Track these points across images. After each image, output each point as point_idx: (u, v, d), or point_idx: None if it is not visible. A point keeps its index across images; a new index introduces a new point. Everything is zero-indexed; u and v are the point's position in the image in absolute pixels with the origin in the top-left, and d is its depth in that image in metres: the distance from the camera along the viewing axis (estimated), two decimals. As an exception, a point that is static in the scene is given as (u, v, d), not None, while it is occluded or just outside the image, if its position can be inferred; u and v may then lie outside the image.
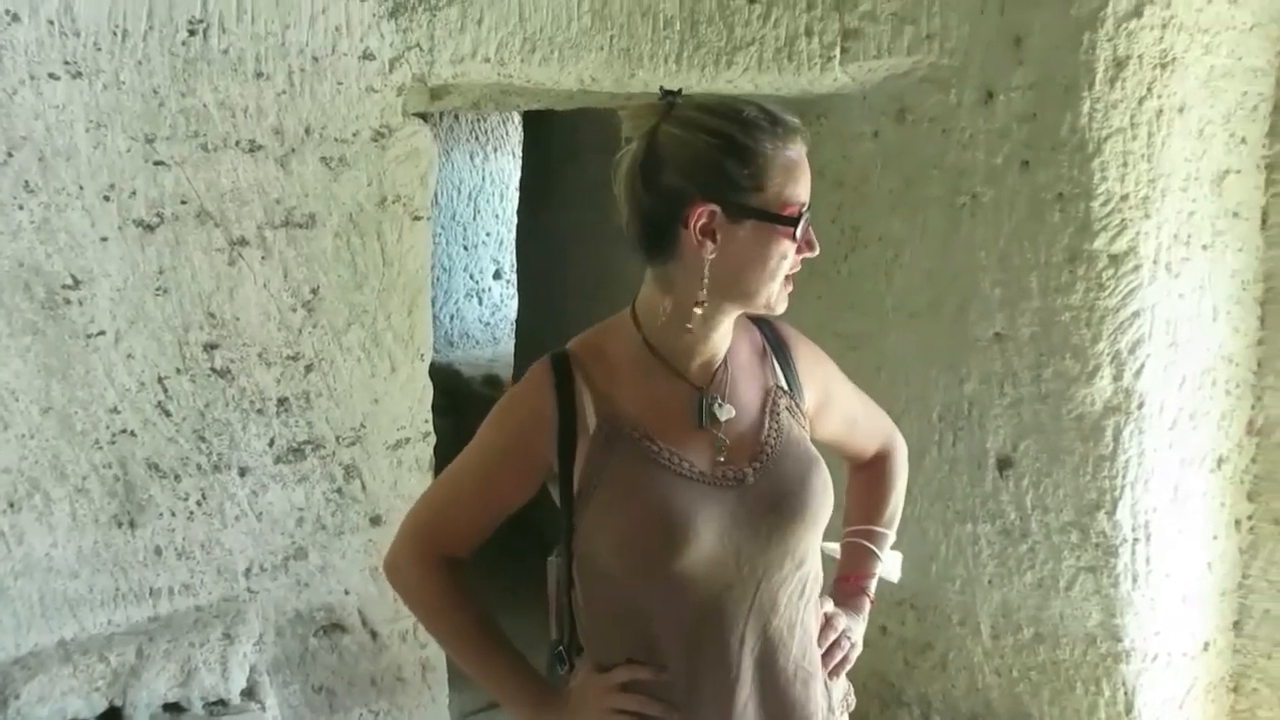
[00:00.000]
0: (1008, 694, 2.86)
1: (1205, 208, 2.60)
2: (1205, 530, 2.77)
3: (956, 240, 2.79)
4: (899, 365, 2.96)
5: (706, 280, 1.35)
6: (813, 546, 1.47)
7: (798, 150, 1.35)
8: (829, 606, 1.58)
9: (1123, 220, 2.51)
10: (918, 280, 2.89)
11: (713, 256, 1.34)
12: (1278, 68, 2.68)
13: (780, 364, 1.55)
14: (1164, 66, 2.47)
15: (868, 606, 1.68)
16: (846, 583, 1.67)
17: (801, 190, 1.36)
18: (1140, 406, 2.56)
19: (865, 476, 1.74)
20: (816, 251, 1.39)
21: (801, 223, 1.35)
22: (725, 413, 1.44)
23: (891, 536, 1.74)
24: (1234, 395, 2.77)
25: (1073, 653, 2.72)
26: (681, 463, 1.40)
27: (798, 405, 1.52)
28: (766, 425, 1.47)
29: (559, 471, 1.43)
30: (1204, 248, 2.61)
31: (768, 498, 1.41)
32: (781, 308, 1.42)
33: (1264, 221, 2.75)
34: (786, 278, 1.39)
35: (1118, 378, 2.56)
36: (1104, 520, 2.61)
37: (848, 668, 1.58)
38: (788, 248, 1.36)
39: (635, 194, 1.37)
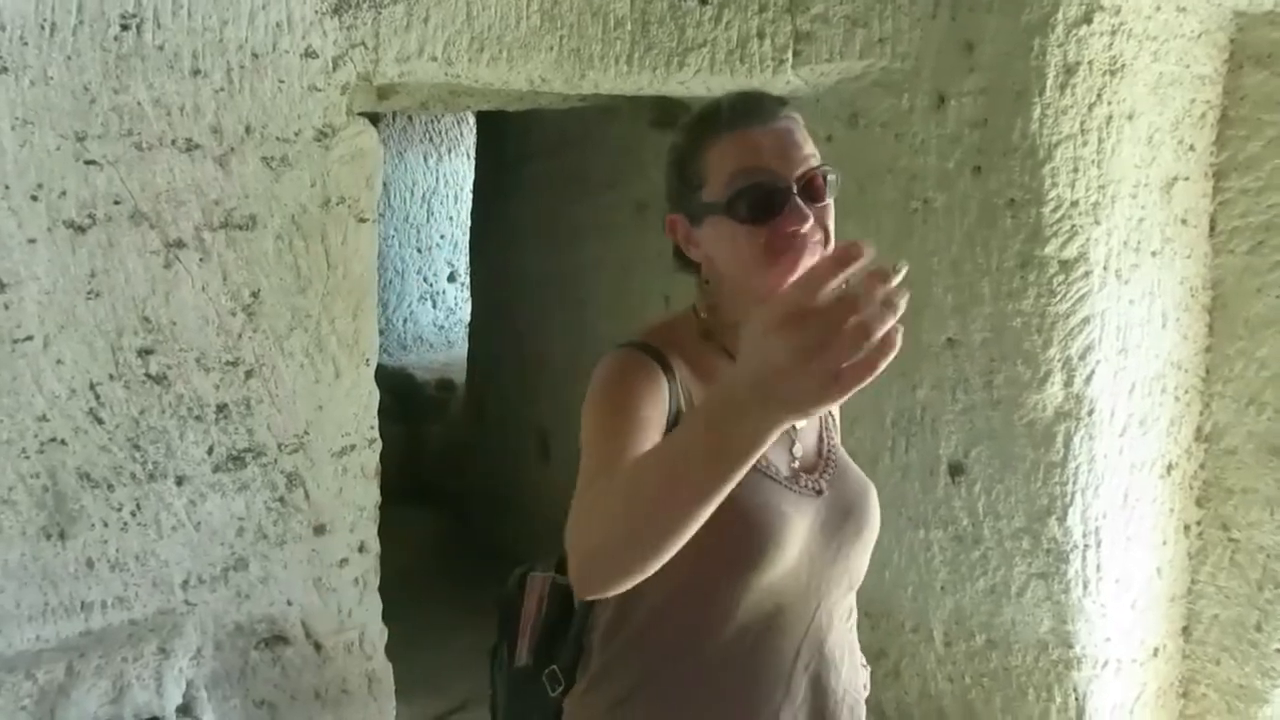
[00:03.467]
0: (960, 701, 2.85)
1: (1154, 214, 2.61)
2: (1154, 536, 2.78)
3: (909, 245, 2.77)
4: (852, 371, 2.94)
5: (707, 284, 1.34)
6: (864, 569, 1.43)
7: (753, 127, 1.26)
8: None
9: (1073, 226, 2.51)
10: (871, 285, 2.87)
11: (701, 262, 1.34)
12: (1224, 76, 2.71)
13: None
14: (1113, 73, 2.47)
15: None
16: None
17: (747, 158, 1.25)
18: (1091, 413, 2.57)
19: None
20: (805, 221, 1.22)
21: (749, 197, 1.23)
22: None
23: None
24: (1183, 401, 2.79)
25: (1024, 659, 2.72)
26: (770, 466, 1.31)
27: (834, 421, 1.50)
28: (825, 439, 1.44)
29: None
30: (1153, 254, 2.62)
31: (840, 512, 1.37)
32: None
33: (1212, 229, 2.77)
34: (791, 248, 1.23)
35: (1068, 384, 2.56)
36: (1055, 526, 2.61)
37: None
38: (747, 229, 1.24)
39: None
